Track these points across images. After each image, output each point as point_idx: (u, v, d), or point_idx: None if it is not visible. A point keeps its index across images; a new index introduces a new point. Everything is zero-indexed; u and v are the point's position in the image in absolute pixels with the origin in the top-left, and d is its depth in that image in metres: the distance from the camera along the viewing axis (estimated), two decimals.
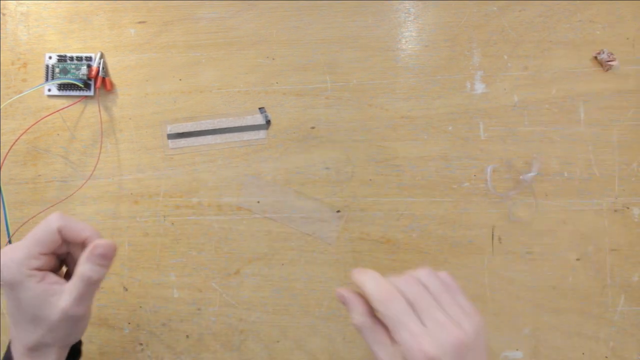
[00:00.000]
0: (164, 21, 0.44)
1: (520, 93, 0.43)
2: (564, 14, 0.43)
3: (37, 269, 0.33)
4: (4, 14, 0.45)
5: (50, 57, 0.44)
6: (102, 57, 0.44)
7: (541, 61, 0.43)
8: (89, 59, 0.44)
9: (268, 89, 0.44)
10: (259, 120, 0.44)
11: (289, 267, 0.43)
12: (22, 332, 0.33)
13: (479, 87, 0.43)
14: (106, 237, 0.44)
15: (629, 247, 0.42)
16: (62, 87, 0.44)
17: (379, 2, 0.44)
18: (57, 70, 0.44)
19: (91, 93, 0.44)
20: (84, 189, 0.44)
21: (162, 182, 0.44)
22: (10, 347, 0.35)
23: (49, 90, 0.44)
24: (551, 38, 0.43)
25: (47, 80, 0.44)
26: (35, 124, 0.44)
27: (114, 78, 0.44)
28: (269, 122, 0.44)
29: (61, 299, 0.33)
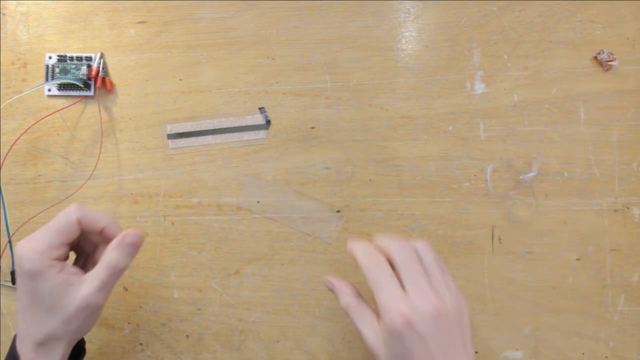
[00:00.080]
0: (164, 21, 0.44)
1: (520, 93, 0.43)
2: (564, 14, 0.43)
3: (56, 259, 0.33)
4: (4, 14, 0.45)
5: (50, 57, 0.44)
6: (102, 57, 0.44)
7: (541, 61, 0.43)
8: (89, 59, 0.44)
9: (268, 89, 0.44)
10: (259, 120, 0.44)
11: (289, 267, 0.43)
12: (33, 325, 0.33)
13: (479, 87, 0.43)
14: None
15: (629, 247, 0.42)
16: (62, 87, 0.44)
17: (379, 2, 0.44)
18: (57, 70, 0.44)
19: (91, 93, 0.44)
20: (84, 189, 0.44)
21: (162, 182, 0.44)
22: (15, 343, 0.35)
23: (49, 90, 0.44)
24: (551, 38, 0.43)
25: (47, 80, 0.44)
26: (35, 124, 0.44)
27: (114, 78, 0.44)
28: (269, 122, 0.44)
29: (82, 287, 0.34)
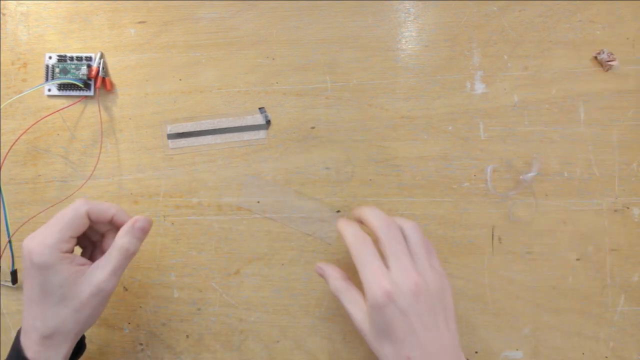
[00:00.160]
0: (164, 21, 0.44)
1: (520, 93, 0.43)
2: (564, 14, 0.43)
3: (66, 252, 0.34)
4: (4, 14, 0.45)
5: (50, 57, 0.44)
6: (102, 57, 0.44)
7: (541, 61, 0.43)
8: (89, 59, 0.44)
9: (268, 89, 0.44)
10: (259, 120, 0.44)
11: (289, 267, 0.43)
12: (41, 318, 0.34)
13: (479, 87, 0.43)
14: None
15: (629, 247, 0.42)
16: (62, 87, 0.44)
17: (379, 2, 0.44)
18: (57, 70, 0.44)
19: (91, 93, 0.44)
20: (84, 189, 0.44)
21: (162, 182, 0.44)
22: (19, 338, 0.35)
23: (49, 90, 0.44)
24: (551, 38, 0.43)
25: (47, 80, 0.44)
26: (35, 124, 0.44)
27: (114, 78, 0.44)
28: (269, 122, 0.44)
29: (95, 273, 0.35)
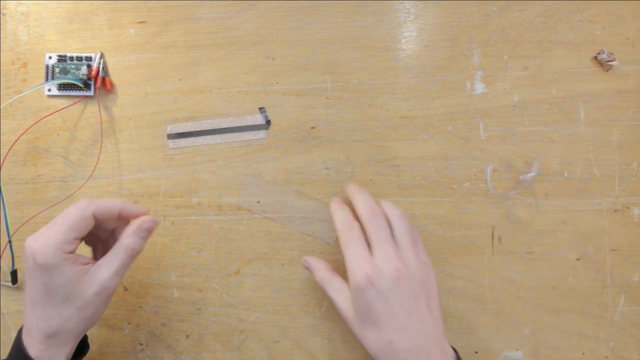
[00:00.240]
0: (164, 21, 0.44)
1: (520, 93, 0.43)
2: (564, 14, 0.43)
3: (70, 252, 0.34)
4: (4, 14, 0.45)
5: (50, 57, 0.44)
6: (102, 57, 0.44)
7: (541, 61, 0.43)
8: (89, 59, 0.44)
9: (268, 89, 0.44)
10: (259, 120, 0.44)
11: (289, 267, 0.43)
12: (44, 318, 0.34)
13: (479, 87, 0.43)
14: None
15: (629, 247, 0.42)
16: (62, 87, 0.44)
17: (379, 2, 0.44)
18: (57, 70, 0.44)
19: (91, 93, 0.44)
20: (84, 189, 0.44)
21: (162, 182, 0.44)
22: (21, 337, 0.35)
23: (49, 90, 0.44)
24: (551, 38, 0.43)
25: (47, 80, 0.44)
26: (35, 124, 0.44)
27: (114, 78, 0.44)
28: (269, 122, 0.44)
29: (99, 272, 0.35)
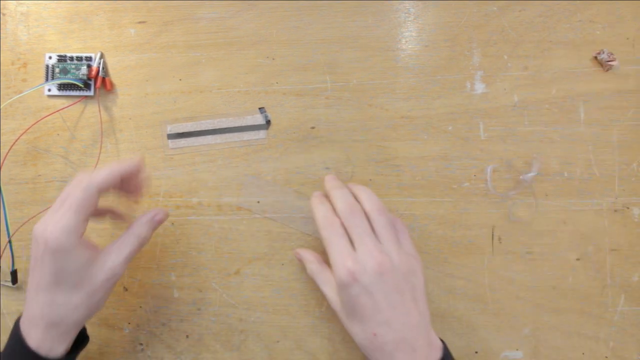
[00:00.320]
0: (164, 21, 0.44)
1: (520, 93, 0.43)
2: (564, 14, 0.43)
3: (81, 235, 0.34)
4: (4, 14, 0.45)
5: (50, 57, 0.44)
6: (102, 57, 0.44)
7: (541, 61, 0.43)
8: (89, 59, 0.44)
9: (268, 89, 0.44)
10: (259, 120, 0.44)
11: (289, 267, 0.43)
12: (51, 305, 0.33)
13: (479, 87, 0.43)
14: (106, 238, 0.44)
15: (629, 247, 0.42)
16: (62, 87, 0.44)
17: (379, 2, 0.44)
18: (57, 70, 0.44)
19: (91, 93, 0.44)
20: None
21: (162, 182, 0.44)
22: (19, 328, 0.34)
23: (49, 90, 0.44)
24: (551, 38, 0.43)
25: (47, 80, 0.44)
26: (35, 124, 0.44)
27: (114, 78, 0.44)
28: (269, 122, 0.44)
29: (109, 258, 0.35)
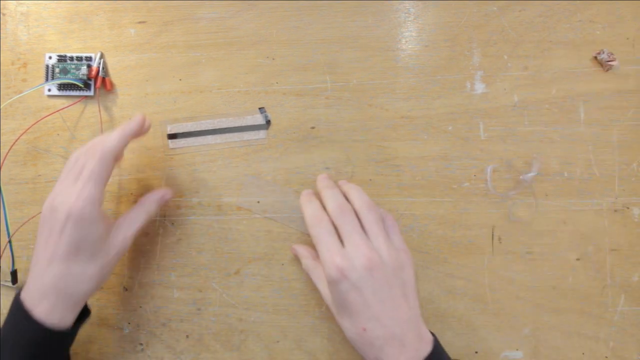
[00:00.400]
0: (164, 21, 0.44)
1: (520, 93, 0.43)
2: (564, 14, 0.43)
3: (102, 204, 0.35)
4: (4, 14, 0.45)
5: (50, 57, 0.44)
6: (102, 57, 0.44)
7: (541, 61, 0.43)
8: (89, 59, 0.44)
9: (268, 89, 0.44)
10: (259, 120, 0.44)
11: (289, 267, 0.43)
12: (65, 277, 0.34)
13: (479, 87, 0.43)
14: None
15: (629, 247, 0.42)
16: (62, 87, 0.44)
17: (379, 2, 0.44)
18: (57, 70, 0.44)
19: (91, 93, 0.44)
20: None
21: (162, 182, 0.44)
22: (21, 301, 0.34)
23: (49, 90, 0.44)
24: (551, 38, 0.43)
25: (47, 80, 0.44)
26: (35, 124, 0.44)
27: (114, 78, 0.44)
28: (269, 122, 0.44)
29: (120, 231, 0.37)
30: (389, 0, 0.44)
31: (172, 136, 0.44)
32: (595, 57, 0.42)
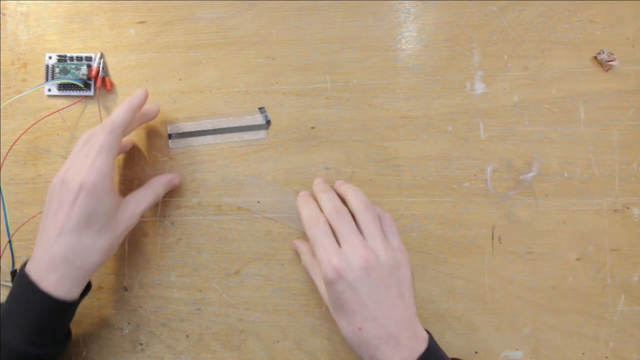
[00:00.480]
0: (164, 21, 0.44)
1: (520, 93, 0.43)
2: (564, 14, 0.43)
3: (112, 177, 0.36)
4: (4, 14, 0.45)
5: (50, 57, 0.44)
6: (102, 57, 0.44)
7: (541, 61, 0.43)
8: (89, 59, 0.44)
9: (268, 89, 0.44)
10: (259, 120, 0.44)
11: (289, 267, 0.43)
12: (74, 248, 0.34)
13: (479, 87, 0.43)
14: None
15: (629, 247, 0.42)
16: (62, 87, 0.44)
17: (379, 2, 0.44)
18: (57, 70, 0.44)
19: (91, 93, 0.44)
20: None
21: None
22: (26, 273, 0.34)
23: (49, 90, 0.44)
24: (551, 38, 0.43)
25: (47, 80, 0.44)
26: (35, 124, 0.44)
27: (114, 78, 0.44)
28: (269, 122, 0.44)
29: (129, 208, 0.38)
30: (389, 0, 0.44)
31: (172, 136, 0.44)
32: (595, 57, 0.42)
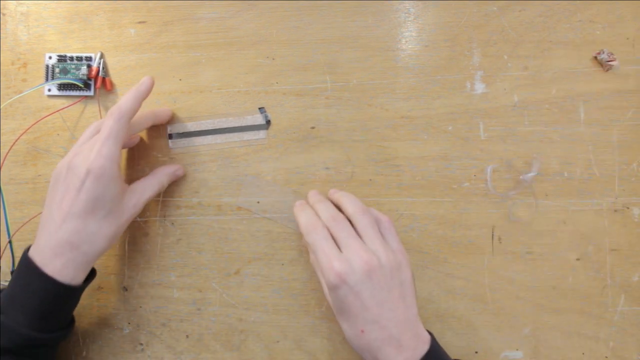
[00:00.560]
0: (164, 21, 0.44)
1: (520, 93, 0.43)
2: (564, 14, 0.43)
3: (119, 164, 0.36)
4: (4, 14, 0.45)
5: (50, 57, 0.44)
6: (102, 57, 0.44)
7: (541, 61, 0.43)
8: (89, 59, 0.44)
9: (268, 89, 0.44)
10: (259, 120, 0.44)
11: (289, 267, 0.43)
12: (80, 233, 0.34)
13: (479, 87, 0.43)
14: None
15: (629, 247, 0.42)
16: (62, 87, 0.44)
17: (379, 2, 0.44)
18: (57, 70, 0.44)
19: (91, 93, 0.44)
20: None
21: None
22: (30, 258, 0.34)
23: (49, 90, 0.44)
24: (551, 38, 0.43)
25: (47, 80, 0.44)
26: (35, 124, 0.44)
27: (114, 78, 0.44)
28: (269, 122, 0.44)
29: (134, 196, 0.38)
30: (389, 0, 0.44)
31: (172, 136, 0.44)
32: (595, 57, 0.42)
